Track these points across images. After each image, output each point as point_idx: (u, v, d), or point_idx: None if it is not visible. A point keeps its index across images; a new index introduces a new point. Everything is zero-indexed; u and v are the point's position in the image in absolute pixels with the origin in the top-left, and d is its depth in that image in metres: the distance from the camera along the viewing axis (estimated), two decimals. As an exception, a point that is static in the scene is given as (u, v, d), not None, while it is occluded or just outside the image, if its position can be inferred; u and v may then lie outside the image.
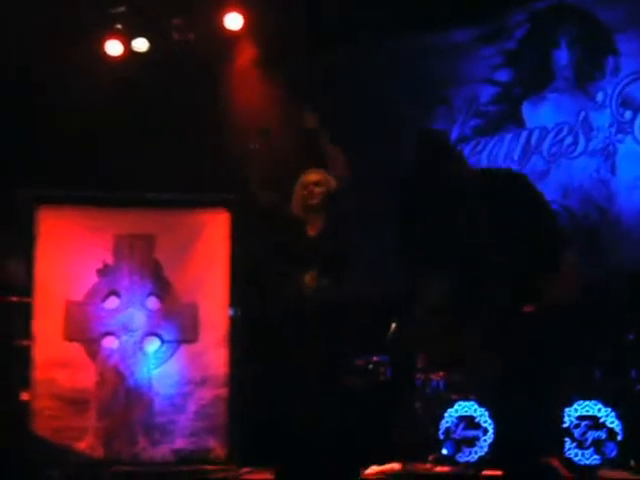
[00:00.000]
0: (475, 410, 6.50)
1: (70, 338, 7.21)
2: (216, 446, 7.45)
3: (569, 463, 6.08)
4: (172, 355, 7.60)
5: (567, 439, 6.21)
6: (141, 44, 8.33)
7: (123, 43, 8.28)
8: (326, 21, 8.21)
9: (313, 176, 5.68)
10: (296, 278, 5.40)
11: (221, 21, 8.26)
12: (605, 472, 6.14)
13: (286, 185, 5.90)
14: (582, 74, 8.13)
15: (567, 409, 6.28)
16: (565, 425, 6.23)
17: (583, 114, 8.08)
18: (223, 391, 7.51)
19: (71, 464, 7.10)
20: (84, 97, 7.77)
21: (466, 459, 6.46)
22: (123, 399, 7.48)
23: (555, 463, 4.04)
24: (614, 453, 6.20)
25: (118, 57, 8.29)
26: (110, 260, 7.61)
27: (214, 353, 7.59)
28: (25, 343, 7.30)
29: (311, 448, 5.20)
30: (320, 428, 5.22)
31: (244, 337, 7.53)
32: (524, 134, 8.23)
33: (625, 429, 6.22)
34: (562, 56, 8.21)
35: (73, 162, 7.58)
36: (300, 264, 5.42)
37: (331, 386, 5.31)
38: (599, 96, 8.04)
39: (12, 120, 7.70)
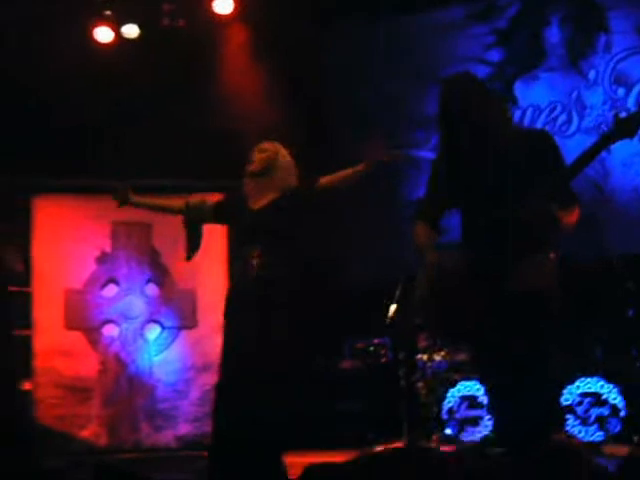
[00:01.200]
0: (478, 389, 6.52)
1: (70, 327, 7.21)
2: (219, 431, 7.47)
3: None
4: (173, 341, 7.62)
5: (570, 416, 6.25)
6: (131, 30, 8.27)
7: (113, 29, 8.22)
8: (318, 3, 8.20)
9: (261, 145, 5.38)
10: (243, 256, 5.18)
11: (211, 6, 8.21)
12: (609, 448, 6.17)
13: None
14: (574, 52, 8.13)
15: (569, 387, 6.32)
16: (568, 402, 6.26)
17: (576, 92, 8.08)
18: (225, 376, 7.52)
19: (75, 452, 7.12)
20: (77, 85, 7.72)
21: (470, 438, 6.49)
22: (125, 386, 7.50)
23: (572, 441, 4.01)
24: (617, 429, 6.23)
25: (108, 44, 8.23)
26: (108, 248, 7.61)
27: (215, 338, 7.57)
28: (25, 332, 7.29)
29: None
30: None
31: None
32: (517, 113, 8.24)
33: (628, 405, 6.25)
34: (553, 34, 8.20)
35: (69, 150, 7.54)
36: (244, 241, 5.20)
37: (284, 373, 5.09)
38: (591, 74, 8.05)
39: (7, 110, 7.65)
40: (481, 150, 4.03)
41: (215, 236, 7.68)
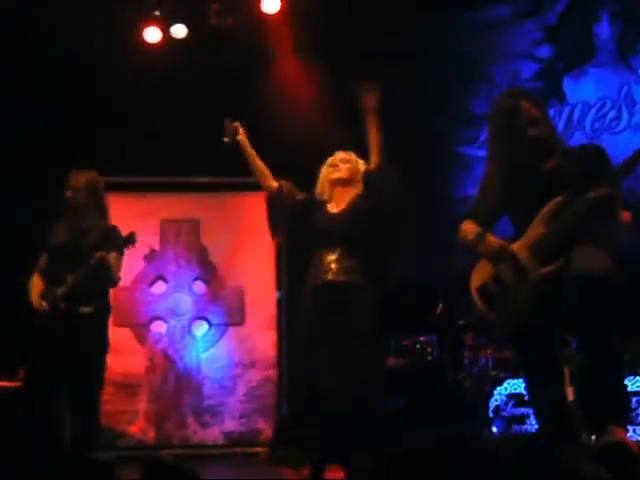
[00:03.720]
0: (524, 388, 6.48)
1: (119, 323, 7.23)
2: (266, 428, 7.53)
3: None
4: (220, 338, 7.68)
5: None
6: (179, 30, 8.32)
7: (161, 30, 8.28)
8: (366, 2, 8.19)
9: (341, 155, 5.52)
10: (321, 259, 5.27)
11: (259, 4, 8.23)
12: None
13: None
14: (624, 47, 8.04)
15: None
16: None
17: (626, 88, 8.00)
18: (272, 373, 7.58)
19: (123, 448, 7.19)
20: (126, 85, 7.80)
21: (517, 436, 6.45)
22: (173, 383, 7.56)
23: (624, 437, 3.93)
24: (666, 428, 6.17)
25: (157, 44, 8.29)
26: (156, 245, 7.68)
27: (262, 335, 7.66)
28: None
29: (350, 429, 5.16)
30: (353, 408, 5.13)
31: (291, 319, 7.57)
32: (566, 110, 8.17)
33: (677, 404, 6.18)
34: (604, 30, 8.12)
35: (118, 148, 7.62)
36: (323, 245, 5.28)
37: (363, 375, 5.19)
38: (642, 69, 7.97)
39: (56, 109, 7.75)
40: (541, 164, 4.10)
41: (263, 234, 7.75)
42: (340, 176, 5.37)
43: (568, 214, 3.92)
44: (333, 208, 5.34)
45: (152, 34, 8.27)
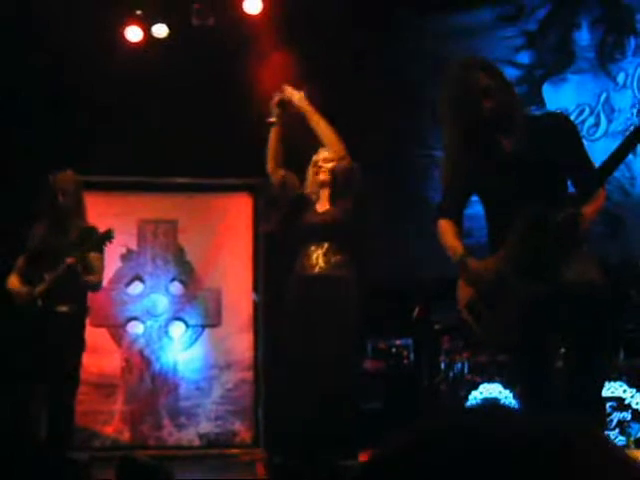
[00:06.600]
0: (500, 392, 6.51)
1: (95, 323, 7.22)
2: (241, 429, 7.53)
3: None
4: (197, 340, 7.67)
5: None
6: (161, 30, 8.30)
7: (143, 29, 8.26)
8: (350, 3, 8.19)
9: (323, 153, 5.64)
10: (308, 253, 5.39)
11: (241, 5, 8.23)
12: (630, 453, 6.12)
13: (303, 166, 5.91)
14: (603, 55, 8.08)
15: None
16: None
17: (604, 95, 8.03)
18: (248, 375, 7.59)
19: (98, 448, 7.18)
20: (105, 84, 7.78)
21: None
22: (149, 384, 7.56)
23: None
24: (639, 434, 6.20)
25: (138, 43, 8.27)
26: (134, 245, 7.67)
27: (238, 337, 7.67)
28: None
29: (325, 433, 5.24)
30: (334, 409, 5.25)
31: (267, 321, 7.58)
32: (545, 116, 8.18)
33: (650, 410, 6.21)
34: (583, 37, 8.16)
35: (95, 148, 7.59)
36: (310, 240, 5.42)
37: (346, 369, 5.34)
38: (620, 77, 8.00)
39: (33, 107, 7.71)
40: (506, 135, 4.00)
41: (241, 236, 7.76)
42: (322, 179, 5.51)
43: (538, 237, 3.84)
44: (321, 207, 5.50)
45: (133, 33, 8.25)
